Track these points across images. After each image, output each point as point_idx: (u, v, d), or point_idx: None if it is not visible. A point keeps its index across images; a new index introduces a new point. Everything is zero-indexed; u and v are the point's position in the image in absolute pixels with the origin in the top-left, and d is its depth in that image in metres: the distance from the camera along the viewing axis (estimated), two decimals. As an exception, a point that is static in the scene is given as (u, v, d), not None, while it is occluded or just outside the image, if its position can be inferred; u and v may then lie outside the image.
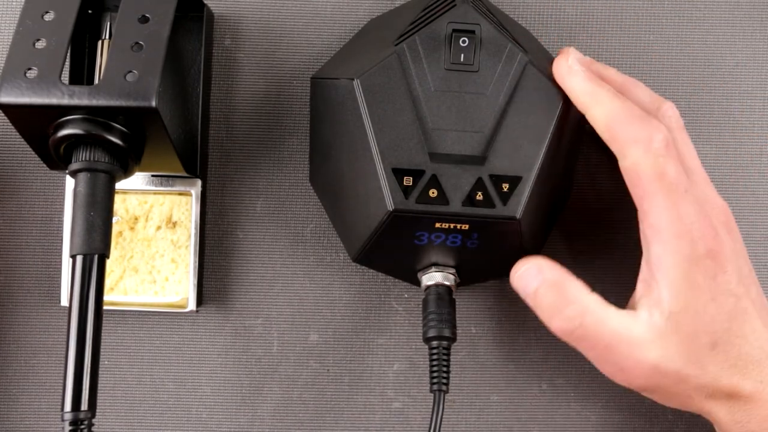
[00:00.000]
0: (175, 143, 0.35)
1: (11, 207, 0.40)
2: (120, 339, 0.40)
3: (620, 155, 0.33)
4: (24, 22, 0.32)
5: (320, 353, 0.40)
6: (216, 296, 0.40)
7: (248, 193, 0.40)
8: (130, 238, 0.39)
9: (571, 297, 0.33)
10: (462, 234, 0.34)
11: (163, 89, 0.38)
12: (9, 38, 0.40)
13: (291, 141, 0.41)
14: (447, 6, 0.35)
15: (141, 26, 0.32)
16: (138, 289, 0.39)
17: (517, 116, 0.34)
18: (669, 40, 0.41)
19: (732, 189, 0.41)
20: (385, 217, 0.33)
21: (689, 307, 0.31)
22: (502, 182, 0.33)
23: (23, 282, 0.40)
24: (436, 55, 0.34)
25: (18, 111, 0.31)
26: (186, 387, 0.40)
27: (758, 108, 0.41)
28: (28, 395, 0.40)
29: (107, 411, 0.40)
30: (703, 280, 0.31)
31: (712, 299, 0.32)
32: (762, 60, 0.41)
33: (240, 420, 0.40)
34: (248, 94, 0.41)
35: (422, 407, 0.40)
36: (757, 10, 0.41)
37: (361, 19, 0.41)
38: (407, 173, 0.33)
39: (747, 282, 0.33)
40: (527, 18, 0.41)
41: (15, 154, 0.40)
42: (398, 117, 0.33)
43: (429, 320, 0.36)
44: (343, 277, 0.40)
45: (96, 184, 0.32)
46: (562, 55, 0.35)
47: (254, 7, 0.41)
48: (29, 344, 0.40)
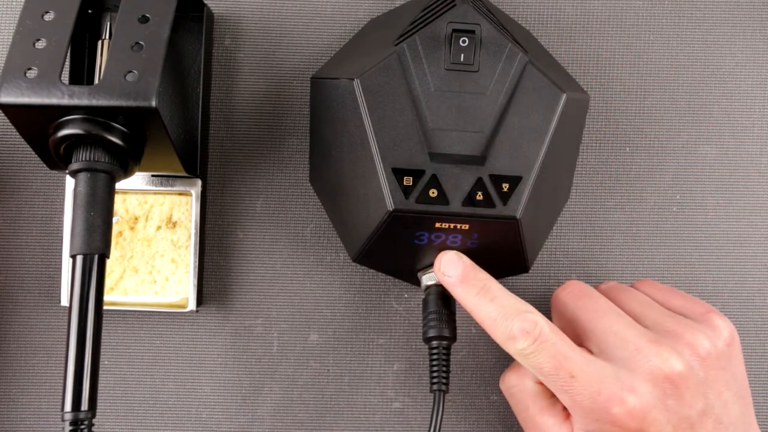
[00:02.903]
0: (175, 143, 0.35)
1: (11, 207, 0.40)
2: (120, 339, 0.40)
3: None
4: (24, 22, 0.32)
5: (320, 353, 0.40)
6: (216, 296, 0.40)
7: (248, 193, 0.40)
8: (130, 238, 0.39)
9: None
10: (462, 234, 0.34)
11: (163, 89, 0.38)
12: (9, 38, 0.40)
13: (291, 141, 0.41)
14: (447, 6, 0.35)
15: (141, 26, 0.32)
16: (138, 289, 0.39)
17: (517, 116, 0.34)
18: (669, 40, 0.41)
19: (732, 189, 0.41)
20: (385, 217, 0.33)
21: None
22: (502, 182, 0.33)
23: (23, 282, 0.40)
24: (436, 55, 0.34)
25: (18, 111, 0.31)
26: (186, 387, 0.40)
27: (758, 108, 0.41)
28: (28, 395, 0.40)
29: (107, 411, 0.40)
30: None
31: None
32: (762, 60, 0.41)
33: (240, 420, 0.40)
34: (248, 94, 0.41)
35: (422, 407, 0.40)
36: (757, 10, 0.41)
37: (361, 19, 0.41)
38: (407, 173, 0.33)
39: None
40: (527, 18, 0.41)
41: (15, 154, 0.40)
42: (398, 117, 0.33)
43: (429, 320, 0.36)
44: (343, 277, 0.40)
45: (96, 184, 0.32)
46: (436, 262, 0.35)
47: (254, 7, 0.41)
48: (29, 344, 0.40)
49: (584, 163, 0.41)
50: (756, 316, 0.41)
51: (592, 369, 0.31)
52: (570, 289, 0.36)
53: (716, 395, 0.32)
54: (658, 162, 0.41)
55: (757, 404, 0.40)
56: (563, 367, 0.31)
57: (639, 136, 0.41)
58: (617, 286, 0.37)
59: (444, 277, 0.35)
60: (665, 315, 0.34)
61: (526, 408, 0.35)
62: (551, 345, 0.32)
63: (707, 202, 0.41)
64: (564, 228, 0.41)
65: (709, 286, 0.41)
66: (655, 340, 0.32)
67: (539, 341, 0.31)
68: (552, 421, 0.34)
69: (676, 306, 0.35)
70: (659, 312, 0.34)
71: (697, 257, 0.41)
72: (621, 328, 0.33)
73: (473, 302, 0.33)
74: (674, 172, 0.41)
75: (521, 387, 0.35)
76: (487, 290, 0.33)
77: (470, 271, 0.34)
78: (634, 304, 0.35)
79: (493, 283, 0.34)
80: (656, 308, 0.35)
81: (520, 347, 0.32)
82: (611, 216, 0.41)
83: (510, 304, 0.33)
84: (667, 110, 0.41)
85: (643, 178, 0.41)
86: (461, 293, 0.34)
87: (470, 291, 0.34)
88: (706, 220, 0.41)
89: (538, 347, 0.31)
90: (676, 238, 0.41)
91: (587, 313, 0.34)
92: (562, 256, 0.41)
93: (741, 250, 0.41)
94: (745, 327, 0.41)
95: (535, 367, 0.32)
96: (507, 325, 0.32)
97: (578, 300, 0.35)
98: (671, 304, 0.36)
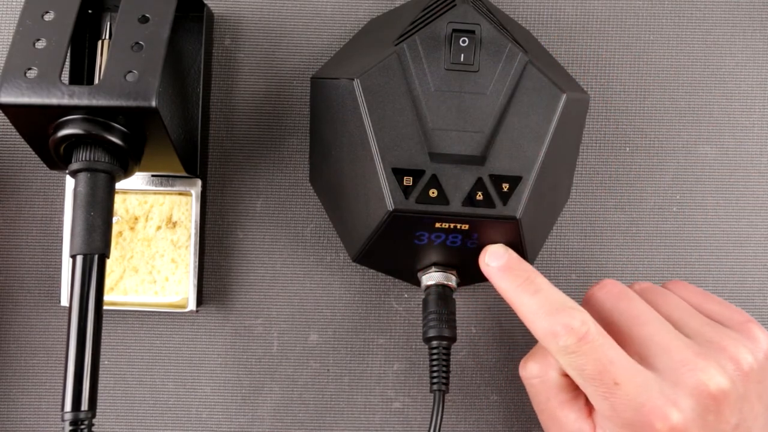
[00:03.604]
0: (175, 143, 0.35)
1: (11, 207, 0.40)
2: (120, 339, 0.40)
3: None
4: (24, 22, 0.32)
5: (320, 353, 0.40)
6: (216, 296, 0.40)
7: (248, 193, 0.40)
8: (130, 238, 0.39)
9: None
10: (462, 234, 0.34)
11: (163, 89, 0.38)
12: (9, 38, 0.40)
13: (291, 141, 0.41)
14: (447, 6, 0.35)
15: (141, 26, 0.32)
16: (138, 289, 0.39)
17: (517, 116, 0.34)
18: (669, 40, 0.41)
19: (732, 189, 0.41)
20: (385, 217, 0.33)
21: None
22: (502, 182, 0.33)
23: (23, 282, 0.40)
24: (436, 55, 0.34)
25: (18, 111, 0.31)
26: (186, 387, 0.40)
27: (758, 108, 0.41)
28: (28, 395, 0.40)
29: (107, 411, 0.40)
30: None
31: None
32: (762, 60, 0.41)
33: (240, 420, 0.40)
34: (248, 94, 0.41)
35: (422, 407, 0.40)
36: (757, 10, 0.41)
37: (361, 19, 0.41)
38: (407, 173, 0.33)
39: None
40: (527, 18, 0.41)
41: (15, 154, 0.40)
42: (398, 117, 0.33)
43: (429, 320, 0.36)
44: (343, 277, 0.40)
45: (96, 184, 0.32)
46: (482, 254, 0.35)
47: (254, 7, 0.41)
48: (29, 344, 0.40)
49: (584, 163, 0.41)
50: (756, 316, 0.41)
51: (638, 379, 0.30)
52: (608, 288, 0.34)
53: (750, 408, 0.31)
54: (658, 162, 0.41)
55: (757, 404, 0.40)
56: (608, 371, 0.30)
57: (639, 136, 0.41)
58: (652, 287, 0.36)
59: (487, 267, 0.34)
60: (705, 324, 0.33)
61: (546, 399, 0.34)
62: (598, 346, 0.30)
63: (707, 202, 0.41)
64: (564, 228, 0.41)
65: (709, 286, 0.41)
66: (700, 353, 0.31)
67: (584, 341, 0.30)
68: (574, 416, 0.33)
69: (713, 312, 0.34)
70: (699, 320, 0.33)
71: (697, 257, 0.41)
72: (664, 337, 0.31)
73: (515, 293, 0.32)
74: (674, 172, 0.41)
75: (544, 378, 0.34)
76: (531, 282, 0.32)
77: (515, 262, 0.33)
78: (672, 309, 0.34)
79: (538, 275, 0.33)
80: (696, 315, 0.33)
81: (563, 344, 0.30)
82: (611, 216, 0.41)
83: (556, 299, 0.32)
84: (667, 110, 0.41)
85: (643, 178, 0.41)
86: (504, 284, 0.33)
87: (514, 282, 0.33)
88: (706, 220, 0.41)
89: (583, 347, 0.30)
90: (676, 238, 0.41)
91: (628, 318, 0.33)
92: (562, 256, 0.41)
93: (741, 250, 0.41)
94: (745, 327, 0.41)
95: (575, 368, 0.31)
96: (551, 320, 0.31)
97: (618, 302, 0.33)
98: (707, 309, 0.34)
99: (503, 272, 0.33)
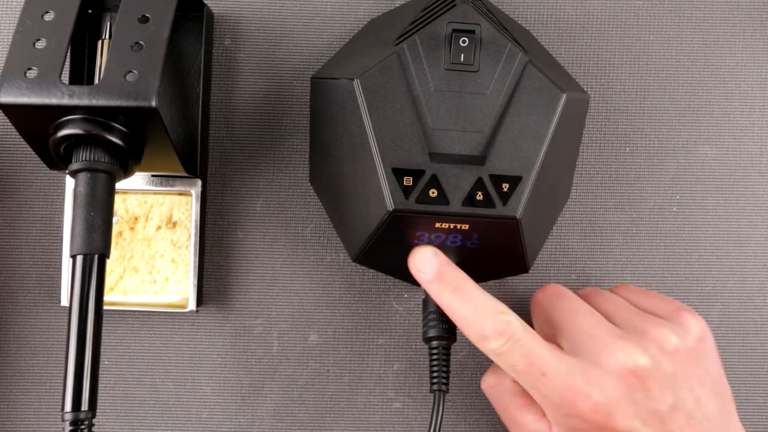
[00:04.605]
0: (175, 143, 0.35)
1: (11, 207, 0.40)
2: (120, 339, 0.40)
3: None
4: (24, 22, 0.32)
5: (320, 353, 0.40)
6: (216, 296, 0.40)
7: (248, 193, 0.40)
8: (130, 238, 0.39)
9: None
10: (462, 234, 0.34)
11: (163, 89, 0.38)
12: (9, 38, 0.40)
13: (291, 141, 0.41)
14: (447, 6, 0.35)
15: (141, 26, 0.32)
16: (138, 289, 0.39)
17: (517, 116, 0.34)
18: (669, 40, 0.41)
19: (732, 189, 0.41)
20: (385, 217, 0.33)
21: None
22: (502, 182, 0.33)
23: (23, 282, 0.40)
24: (436, 55, 0.34)
25: (18, 111, 0.31)
26: (186, 387, 0.40)
27: (758, 108, 0.41)
28: (28, 395, 0.40)
29: (107, 411, 0.40)
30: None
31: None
32: (762, 60, 0.41)
33: (240, 420, 0.40)
34: (248, 94, 0.41)
35: (422, 407, 0.40)
36: (757, 10, 0.41)
37: (361, 19, 0.41)
38: (407, 173, 0.33)
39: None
40: (527, 18, 0.41)
41: (15, 154, 0.40)
42: (398, 117, 0.33)
43: (429, 320, 0.36)
44: (343, 277, 0.40)
45: (96, 184, 0.32)
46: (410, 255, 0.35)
47: (254, 7, 0.41)
48: (29, 344, 0.40)
49: (584, 163, 0.41)
50: (756, 316, 0.41)
51: (561, 366, 0.32)
52: (548, 291, 0.37)
53: (687, 390, 0.32)
54: (658, 162, 0.41)
55: (757, 404, 0.40)
56: (534, 365, 0.32)
57: (639, 136, 0.41)
58: (595, 290, 0.38)
59: (418, 273, 0.35)
60: (635, 314, 0.34)
61: (506, 407, 0.36)
62: (523, 344, 0.32)
63: (707, 202, 0.41)
64: (564, 228, 0.41)
65: (709, 286, 0.41)
66: (621, 336, 0.33)
67: (512, 341, 0.32)
68: (531, 418, 0.35)
69: (649, 306, 0.36)
70: (630, 311, 0.35)
71: (697, 257, 0.41)
72: (591, 325, 0.33)
73: (447, 300, 0.33)
74: (674, 172, 0.41)
75: (500, 386, 0.36)
76: (461, 289, 0.33)
77: (445, 268, 0.34)
78: (607, 305, 0.36)
79: (468, 282, 0.34)
80: (628, 308, 0.35)
81: (492, 347, 0.32)
82: (611, 216, 0.41)
83: (484, 304, 0.33)
84: (667, 110, 0.41)
85: (643, 178, 0.41)
86: (435, 291, 0.34)
87: (444, 289, 0.34)
88: (706, 220, 0.41)
89: (511, 346, 0.32)
90: (676, 238, 0.41)
91: (561, 313, 0.35)
92: (562, 256, 0.41)
93: (741, 250, 0.41)
94: (745, 327, 0.41)
95: (508, 366, 0.32)
96: (480, 324, 0.32)
97: (554, 300, 0.36)
98: (644, 304, 0.36)
99: (434, 281, 0.34)
